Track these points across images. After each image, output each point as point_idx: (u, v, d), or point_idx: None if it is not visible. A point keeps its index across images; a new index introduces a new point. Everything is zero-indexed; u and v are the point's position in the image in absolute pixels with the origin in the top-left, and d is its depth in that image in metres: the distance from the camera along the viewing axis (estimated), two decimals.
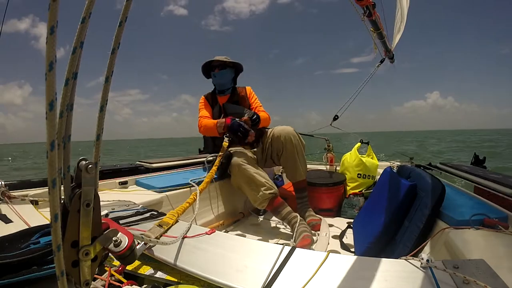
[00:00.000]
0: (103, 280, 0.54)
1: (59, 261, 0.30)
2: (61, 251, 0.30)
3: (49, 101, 0.26)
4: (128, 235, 0.42)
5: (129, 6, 0.32)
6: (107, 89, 0.33)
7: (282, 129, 1.54)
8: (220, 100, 1.76)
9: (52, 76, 0.26)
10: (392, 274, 0.50)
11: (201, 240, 0.69)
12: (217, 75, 1.71)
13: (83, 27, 0.29)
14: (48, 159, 0.27)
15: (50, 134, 0.26)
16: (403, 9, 2.18)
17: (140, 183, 1.44)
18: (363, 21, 1.77)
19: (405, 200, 0.98)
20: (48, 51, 0.25)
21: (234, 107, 1.69)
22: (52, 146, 0.27)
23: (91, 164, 0.32)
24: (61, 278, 0.31)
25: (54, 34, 0.25)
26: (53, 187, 0.28)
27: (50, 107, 0.26)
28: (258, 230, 1.50)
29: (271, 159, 1.63)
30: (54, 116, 0.27)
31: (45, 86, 0.26)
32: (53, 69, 0.26)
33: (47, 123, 0.26)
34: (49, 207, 0.30)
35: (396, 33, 2.34)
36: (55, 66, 0.26)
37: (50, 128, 0.26)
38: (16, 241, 0.62)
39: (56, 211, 0.29)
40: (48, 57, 0.25)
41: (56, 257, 0.30)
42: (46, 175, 0.28)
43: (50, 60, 0.25)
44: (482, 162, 1.89)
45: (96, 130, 0.33)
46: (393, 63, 2.76)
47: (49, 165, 0.27)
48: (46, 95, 0.26)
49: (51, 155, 0.27)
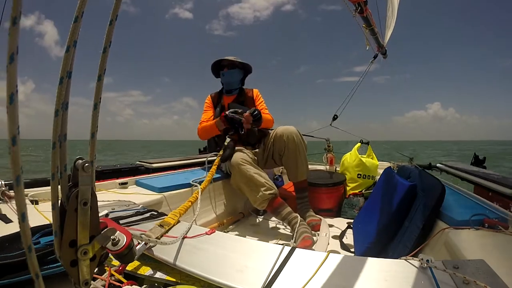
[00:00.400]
0: (103, 280, 0.54)
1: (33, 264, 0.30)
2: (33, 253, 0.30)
3: (9, 94, 0.25)
4: (127, 234, 0.42)
5: (119, 5, 0.32)
6: (100, 87, 0.33)
7: (285, 128, 1.54)
8: (226, 100, 1.78)
9: (13, 69, 0.25)
10: (392, 274, 0.49)
11: (201, 240, 0.69)
12: (226, 74, 1.75)
13: (76, 26, 0.29)
14: (11, 156, 0.27)
15: (11, 129, 0.26)
16: (393, 6, 2.20)
17: (140, 183, 1.44)
18: (355, 17, 1.78)
19: (405, 200, 0.98)
20: (11, 43, 0.25)
21: (239, 107, 1.70)
22: (13, 141, 0.26)
23: (88, 163, 0.32)
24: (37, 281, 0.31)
25: (16, 25, 0.25)
26: (17, 186, 0.28)
27: (11, 100, 0.25)
28: (258, 230, 1.50)
29: (272, 159, 1.63)
30: (15, 110, 0.26)
31: (6, 79, 0.25)
32: (14, 61, 0.25)
33: (8, 117, 0.26)
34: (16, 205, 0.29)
35: (387, 30, 2.35)
36: (16, 58, 0.25)
37: (11, 123, 0.26)
38: (16, 241, 0.62)
39: (23, 211, 0.28)
40: (10, 49, 0.25)
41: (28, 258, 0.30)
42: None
43: (12, 52, 0.25)
44: (482, 162, 1.89)
45: (91, 128, 0.33)
46: (386, 58, 2.77)
47: (13, 162, 0.27)
48: (7, 89, 0.25)
49: (14, 150, 0.26)
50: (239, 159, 1.40)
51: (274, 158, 1.62)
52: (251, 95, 1.81)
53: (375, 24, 2.06)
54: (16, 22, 0.25)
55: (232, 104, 1.72)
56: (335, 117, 2.42)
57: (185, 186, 1.37)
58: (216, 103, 1.80)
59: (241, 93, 1.80)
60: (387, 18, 2.31)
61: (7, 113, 0.26)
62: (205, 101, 1.86)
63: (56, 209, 0.29)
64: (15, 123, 0.26)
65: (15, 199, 0.29)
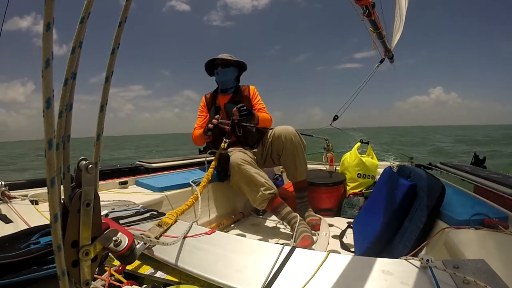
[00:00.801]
0: (103, 280, 0.54)
1: (60, 261, 0.30)
2: (61, 251, 0.30)
3: (46, 99, 0.26)
4: (128, 235, 0.42)
5: (129, 7, 0.32)
6: (107, 89, 0.33)
7: (283, 128, 1.54)
8: (221, 100, 1.74)
9: (49, 73, 0.26)
10: (392, 274, 0.50)
11: (201, 240, 0.69)
12: (220, 73, 1.71)
13: (82, 27, 0.29)
14: (46, 158, 0.27)
15: (48, 133, 0.26)
16: (401, 9, 2.19)
17: (140, 183, 1.44)
18: (363, 21, 1.77)
19: (405, 200, 0.98)
20: (45, 48, 0.25)
21: (233, 107, 1.67)
22: (50, 144, 0.26)
23: (91, 164, 0.32)
24: (63, 278, 0.31)
25: (50, 30, 0.25)
26: (52, 187, 0.28)
27: (47, 104, 0.26)
28: (258, 230, 1.50)
29: (271, 158, 1.62)
30: (52, 114, 0.27)
31: (42, 84, 0.26)
32: (50, 66, 0.26)
33: (44, 121, 0.26)
34: (49, 207, 0.29)
35: (395, 33, 2.34)
36: (52, 63, 0.26)
37: (48, 126, 0.26)
38: (16, 241, 0.62)
39: (56, 211, 0.28)
40: (45, 54, 0.25)
41: (57, 257, 0.30)
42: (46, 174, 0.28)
43: (47, 57, 0.25)
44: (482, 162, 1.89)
45: (97, 130, 0.33)
46: (392, 63, 2.76)
47: (48, 164, 0.27)
48: (43, 93, 0.26)
49: (49, 154, 0.27)
50: (239, 159, 1.39)
51: (272, 157, 1.61)
52: (247, 93, 1.76)
53: (382, 28, 2.06)
54: (50, 27, 0.25)
55: (228, 104, 1.68)
56: (336, 118, 2.42)
57: (185, 186, 1.37)
58: (211, 103, 1.77)
59: (237, 92, 1.76)
60: (394, 22, 2.30)
61: (44, 116, 0.26)
62: (200, 104, 1.83)
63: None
64: (52, 127, 0.27)
65: (49, 200, 0.29)
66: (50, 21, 0.25)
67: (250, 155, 1.53)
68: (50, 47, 0.25)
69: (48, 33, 0.25)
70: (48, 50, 0.25)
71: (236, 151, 1.50)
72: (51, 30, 0.25)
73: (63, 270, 0.30)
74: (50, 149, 0.27)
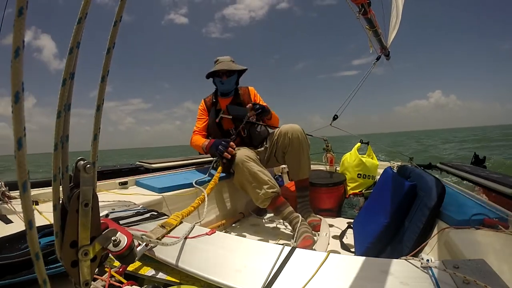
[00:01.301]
0: (103, 281, 0.54)
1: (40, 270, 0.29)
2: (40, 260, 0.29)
3: (15, 93, 0.23)
4: (127, 235, 0.42)
5: (123, 6, 0.32)
6: (103, 88, 0.33)
7: (290, 126, 1.55)
8: (222, 102, 1.75)
9: (19, 64, 0.23)
10: (392, 274, 0.50)
11: (201, 240, 0.69)
12: (225, 83, 1.70)
13: (79, 28, 0.29)
14: (16, 160, 0.25)
15: (18, 131, 0.24)
16: (398, 7, 2.19)
17: (140, 183, 1.44)
18: (358, 19, 1.77)
19: (405, 200, 0.98)
20: (15, 36, 0.22)
21: (238, 109, 1.69)
22: (19, 144, 0.24)
23: (89, 164, 0.32)
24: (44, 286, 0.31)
25: (22, 16, 0.22)
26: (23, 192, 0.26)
27: (16, 99, 0.23)
28: (258, 230, 1.50)
29: (274, 157, 1.63)
30: (21, 110, 0.24)
31: (11, 76, 0.23)
32: (20, 56, 0.23)
33: (13, 117, 0.23)
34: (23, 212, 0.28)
35: (392, 31, 2.34)
36: (22, 53, 0.23)
37: (17, 123, 0.24)
38: (16, 241, 0.62)
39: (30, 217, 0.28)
40: (15, 42, 0.23)
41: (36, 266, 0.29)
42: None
43: (17, 46, 0.23)
44: (482, 162, 1.89)
45: (93, 129, 0.33)
46: (389, 60, 2.76)
47: (18, 166, 0.25)
48: (12, 86, 0.23)
49: (19, 154, 0.25)
50: (244, 156, 1.40)
51: (276, 155, 1.62)
52: (247, 94, 1.79)
53: (378, 26, 2.06)
54: (22, 13, 0.23)
55: (231, 106, 1.70)
56: (335, 117, 2.42)
57: (185, 186, 1.37)
58: (211, 106, 1.76)
59: (237, 94, 1.77)
60: (391, 19, 2.30)
61: (12, 112, 0.23)
62: (198, 107, 1.82)
63: (57, 210, 0.29)
64: (21, 124, 0.24)
65: (22, 206, 0.28)
66: (23, 5, 0.23)
67: (254, 154, 1.54)
68: (21, 35, 0.23)
69: (20, 18, 0.22)
70: (19, 38, 0.23)
71: (242, 148, 1.51)
72: (24, 16, 0.23)
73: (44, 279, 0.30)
74: (20, 149, 0.24)
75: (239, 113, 1.66)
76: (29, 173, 0.26)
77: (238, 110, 1.68)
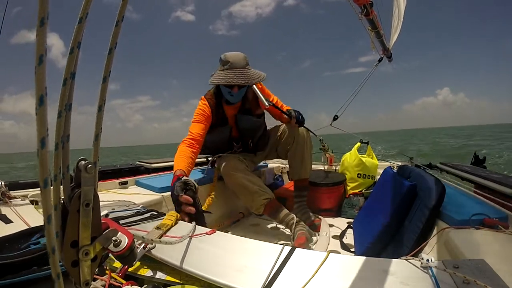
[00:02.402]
0: (103, 281, 0.54)
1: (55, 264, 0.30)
2: (56, 254, 0.30)
3: (39, 96, 0.25)
4: (128, 235, 0.42)
5: (125, 6, 0.32)
6: (105, 88, 0.33)
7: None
8: (228, 111, 1.48)
9: (42, 70, 0.25)
10: (392, 274, 0.50)
11: (201, 240, 0.69)
12: (235, 95, 1.39)
13: (80, 27, 0.29)
14: (39, 158, 0.27)
15: (41, 131, 0.26)
16: (400, 8, 2.19)
17: (140, 183, 1.45)
18: (361, 20, 1.77)
19: (405, 200, 0.98)
20: (39, 44, 0.25)
21: (248, 121, 1.48)
22: (42, 143, 0.26)
23: (90, 164, 0.32)
24: (58, 281, 0.31)
25: (44, 26, 0.25)
26: (44, 187, 0.28)
27: (40, 102, 0.25)
28: (258, 230, 1.50)
29: (276, 152, 1.60)
30: (45, 112, 0.26)
31: (35, 81, 0.25)
32: (43, 63, 0.25)
33: (37, 119, 0.25)
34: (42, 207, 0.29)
35: (394, 32, 2.34)
36: (45, 59, 0.25)
37: (41, 125, 0.26)
38: (16, 241, 0.63)
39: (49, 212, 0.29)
40: (38, 50, 0.25)
41: (51, 260, 0.30)
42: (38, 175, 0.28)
43: (41, 53, 0.25)
44: (482, 162, 1.89)
45: (95, 130, 0.33)
46: (391, 61, 2.76)
47: (40, 164, 0.27)
48: (36, 90, 0.25)
49: (42, 153, 0.26)
50: (230, 167, 1.34)
51: (278, 151, 1.59)
52: (253, 94, 1.47)
53: (380, 27, 2.06)
54: (44, 22, 0.25)
55: (241, 116, 1.47)
56: (336, 118, 2.42)
57: None
58: (216, 113, 1.44)
59: (245, 99, 1.48)
60: (392, 20, 2.30)
61: (36, 114, 0.26)
62: (199, 106, 1.44)
63: (58, 210, 0.29)
64: (45, 125, 0.26)
65: (42, 201, 0.29)
66: (44, 16, 0.24)
67: (242, 159, 1.43)
68: (43, 43, 0.25)
69: (42, 28, 0.24)
70: (41, 46, 0.25)
71: (229, 158, 1.39)
72: (45, 26, 0.25)
73: (58, 274, 0.30)
74: (43, 148, 0.26)
75: (250, 126, 1.48)
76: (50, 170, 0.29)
77: (248, 121, 1.48)
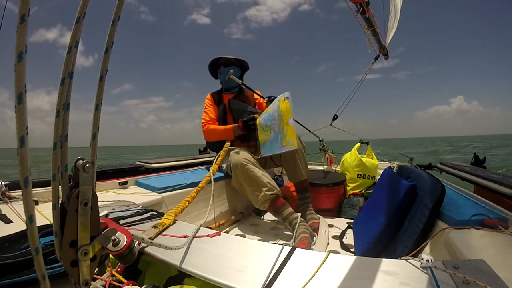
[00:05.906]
0: (103, 280, 0.54)
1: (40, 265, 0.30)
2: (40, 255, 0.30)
3: (18, 94, 0.25)
4: (127, 235, 0.42)
5: (122, 6, 0.32)
6: (102, 87, 0.33)
7: None
8: (225, 98, 1.79)
9: (22, 68, 0.25)
10: (392, 274, 0.49)
11: (201, 241, 0.69)
12: (222, 72, 1.76)
13: (77, 28, 0.29)
14: (19, 157, 0.26)
15: (20, 130, 0.25)
16: (396, 6, 2.19)
17: (140, 183, 1.44)
18: (357, 18, 1.78)
19: (405, 200, 0.98)
20: (18, 41, 0.24)
21: (239, 104, 1.73)
22: (22, 142, 0.25)
23: (88, 163, 0.32)
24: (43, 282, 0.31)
25: (25, 23, 0.24)
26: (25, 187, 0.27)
27: (19, 100, 0.25)
28: (258, 230, 1.49)
29: (271, 160, 1.63)
30: (24, 110, 0.25)
31: (15, 78, 0.24)
32: (23, 60, 0.25)
33: (16, 117, 0.25)
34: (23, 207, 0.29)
35: (390, 30, 2.35)
36: (25, 57, 0.25)
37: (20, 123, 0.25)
38: (16, 241, 0.62)
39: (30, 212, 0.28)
40: (18, 47, 0.24)
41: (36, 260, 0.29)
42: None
43: (20, 51, 0.24)
44: (482, 162, 1.89)
45: (92, 129, 0.33)
46: (387, 59, 2.77)
47: (20, 163, 0.26)
48: (15, 88, 0.24)
49: (22, 152, 0.26)
50: (242, 159, 1.40)
51: (273, 158, 1.62)
52: (251, 94, 1.82)
53: (376, 25, 2.06)
54: (24, 19, 0.24)
55: (232, 100, 1.74)
56: (335, 117, 2.42)
57: (185, 186, 1.37)
58: (218, 101, 1.80)
59: (241, 91, 1.82)
60: (389, 19, 2.31)
61: (16, 112, 0.25)
62: (205, 100, 1.84)
63: (56, 210, 0.29)
64: (24, 124, 0.25)
65: (23, 201, 0.29)
66: (25, 13, 0.24)
67: (252, 155, 1.53)
68: (24, 41, 0.24)
69: (23, 25, 0.24)
70: (22, 43, 0.24)
71: (240, 150, 1.50)
72: (26, 22, 0.24)
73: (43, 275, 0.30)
74: (22, 147, 0.26)
75: (240, 108, 1.70)
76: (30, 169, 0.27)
77: (239, 104, 1.72)
